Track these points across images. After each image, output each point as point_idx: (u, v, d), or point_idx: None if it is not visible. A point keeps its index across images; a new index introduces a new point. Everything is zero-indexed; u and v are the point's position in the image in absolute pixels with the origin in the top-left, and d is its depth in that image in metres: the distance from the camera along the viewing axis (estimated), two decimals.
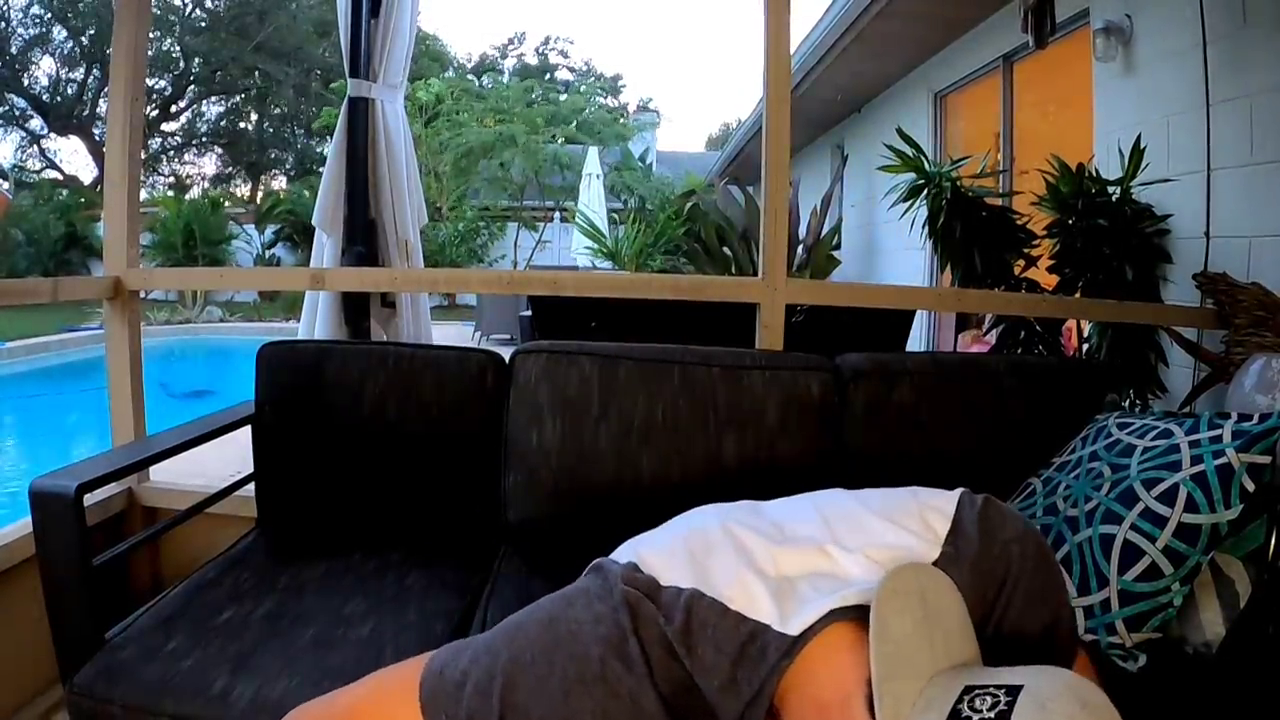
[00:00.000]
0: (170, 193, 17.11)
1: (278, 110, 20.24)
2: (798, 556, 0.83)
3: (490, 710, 0.74)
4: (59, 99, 18.03)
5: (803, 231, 6.85)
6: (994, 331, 2.89)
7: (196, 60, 18.88)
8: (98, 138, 17.27)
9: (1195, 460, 1.18)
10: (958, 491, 0.88)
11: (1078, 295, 2.58)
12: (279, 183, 20.33)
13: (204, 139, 20.52)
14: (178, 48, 18.55)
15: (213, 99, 20.22)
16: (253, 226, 14.19)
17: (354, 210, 2.39)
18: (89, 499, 1.31)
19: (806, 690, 0.72)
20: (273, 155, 20.95)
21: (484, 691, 0.75)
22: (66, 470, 1.28)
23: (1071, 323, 2.93)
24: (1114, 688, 1.11)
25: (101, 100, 17.52)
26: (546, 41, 26.63)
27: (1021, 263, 2.69)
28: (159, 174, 19.77)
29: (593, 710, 0.74)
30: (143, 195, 2.14)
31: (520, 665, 0.76)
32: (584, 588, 0.83)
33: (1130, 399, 2.51)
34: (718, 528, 0.89)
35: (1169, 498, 1.16)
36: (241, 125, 20.66)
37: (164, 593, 1.34)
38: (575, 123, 15.25)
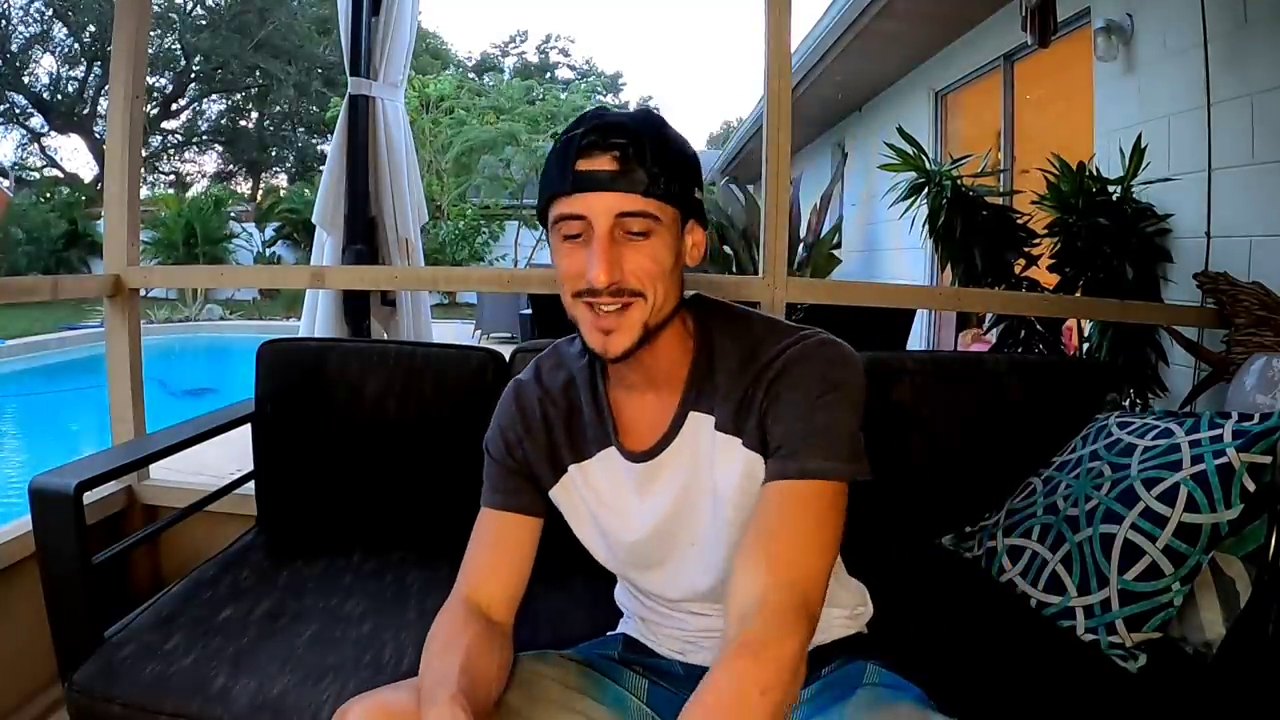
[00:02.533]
0: (171, 191, 17.13)
1: (278, 108, 20.25)
2: None
3: None
4: (59, 97, 18.04)
5: (803, 230, 6.84)
6: (994, 330, 2.89)
7: (197, 58, 18.88)
8: (98, 135, 17.28)
9: (1196, 460, 1.17)
10: None
11: (1078, 294, 2.57)
12: (280, 180, 20.35)
13: (204, 137, 20.53)
14: (178, 45, 18.56)
15: (213, 97, 20.24)
16: (253, 224, 14.19)
17: (354, 208, 2.39)
18: (88, 497, 1.30)
19: None
20: (273, 153, 20.97)
21: None
22: (66, 468, 1.28)
23: (1072, 322, 2.93)
24: (1114, 688, 1.11)
25: (102, 98, 17.52)
26: (547, 39, 26.65)
27: (1022, 262, 2.69)
28: (159, 172, 19.79)
29: None
30: (143, 193, 2.14)
31: None
32: None
33: (1131, 398, 2.51)
34: None
35: (1169, 497, 1.16)
36: (242, 123, 20.69)
37: (163, 591, 1.34)
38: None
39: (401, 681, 0.86)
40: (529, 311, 6.75)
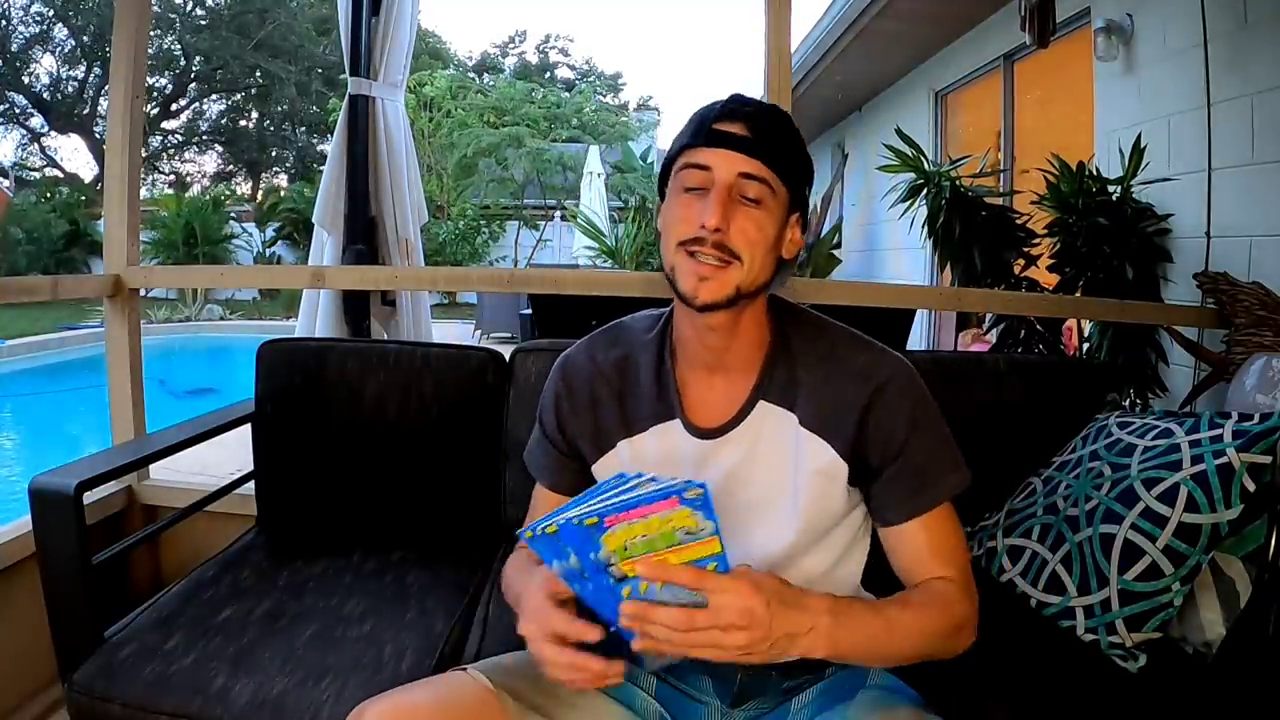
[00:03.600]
0: (171, 191, 17.12)
1: (278, 108, 20.23)
2: None
3: None
4: (60, 97, 18.04)
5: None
6: (994, 330, 2.89)
7: (197, 58, 18.87)
8: (98, 136, 17.28)
9: (1196, 460, 1.17)
10: None
11: (1078, 294, 2.57)
12: (280, 180, 20.34)
13: (204, 137, 20.52)
14: (178, 46, 18.55)
15: (213, 97, 20.23)
16: (253, 224, 14.19)
17: (354, 208, 2.39)
18: (89, 497, 1.31)
19: None
20: (273, 153, 20.95)
21: None
22: (66, 468, 1.28)
23: (1072, 322, 2.93)
24: (1114, 688, 1.11)
25: (102, 98, 17.53)
26: (547, 40, 26.65)
27: (1021, 262, 2.69)
28: (160, 172, 19.78)
29: None
30: (143, 193, 2.14)
31: None
32: None
33: (1131, 398, 2.51)
34: None
35: (1169, 497, 1.16)
36: (242, 123, 20.67)
37: (163, 591, 1.34)
38: (576, 121, 15.24)
39: (415, 682, 0.86)
40: (529, 311, 6.74)
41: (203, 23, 18.72)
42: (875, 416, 0.90)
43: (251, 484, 1.68)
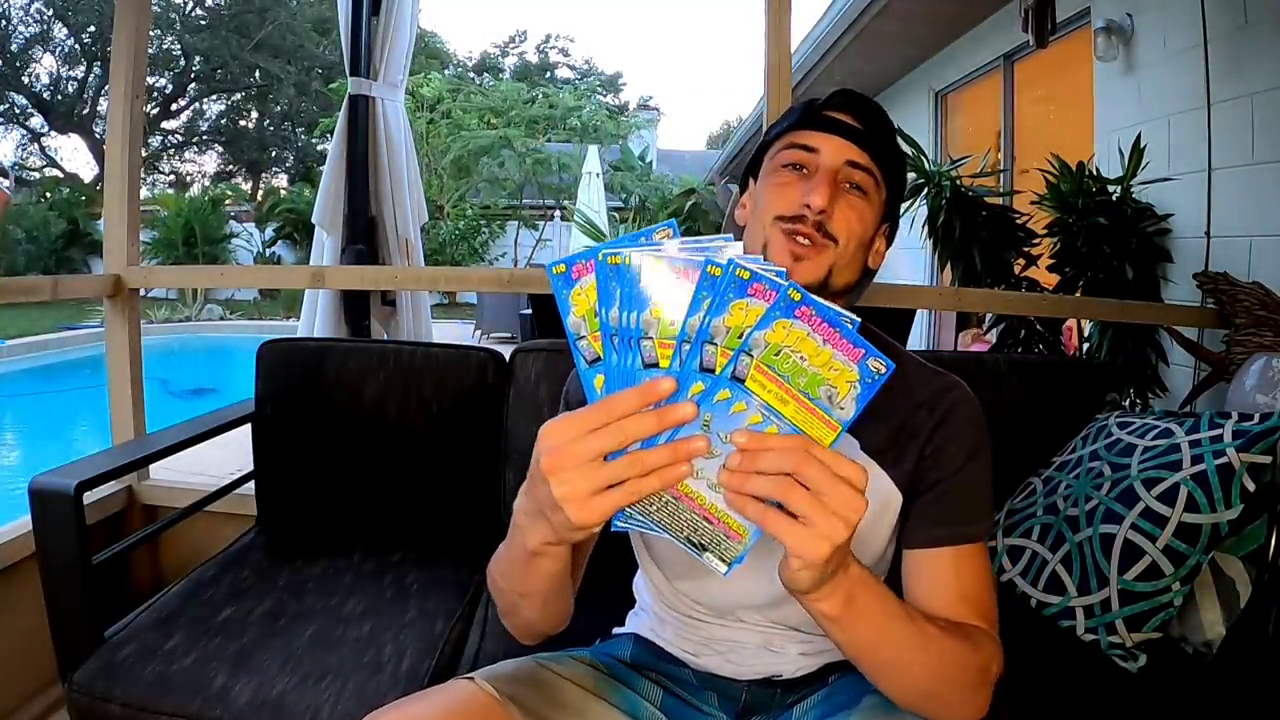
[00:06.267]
0: (171, 190, 17.14)
1: (278, 108, 20.25)
2: None
3: None
4: (60, 97, 18.05)
5: None
6: (994, 330, 2.89)
7: (197, 58, 18.89)
8: (98, 135, 17.28)
9: (1196, 460, 1.17)
10: None
11: (1078, 294, 2.57)
12: (280, 180, 20.35)
13: (204, 137, 20.54)
14: (178, 46, 18.57)
15: (213, 97, 20.25)
16: (253, 224, 14.20)
17: (354, 208, 2.39)
18: (89, 497, 1.31)
19: None
20: (273, 153, 20.97)
21: None
22: (66, 468, 1.28)
23: (1072, 322, 2.93)
24: (1114, 688, 1.11)
25: (102, 98, 17.53)
26: (547, 39, 26.66)
27: (1021, 261, 2.69)
28: (159, 172, 19.80)
29: None
30: (143, 193, 2.14)
31: None
32: None
33: (1131, 398, 2.51)
34: None
35: (1169, 497, 1.16)
36: (242, 123, 20.68)
37: (163, 591, 1.34)
38: (574, 122, 15.25)
39: (422, 691, 0.86)
40: (529, 311, 6.75)
41: (203, 23, 18.73)
42: (935, 443, 0.86)
43: (251, 484, 1.68)
